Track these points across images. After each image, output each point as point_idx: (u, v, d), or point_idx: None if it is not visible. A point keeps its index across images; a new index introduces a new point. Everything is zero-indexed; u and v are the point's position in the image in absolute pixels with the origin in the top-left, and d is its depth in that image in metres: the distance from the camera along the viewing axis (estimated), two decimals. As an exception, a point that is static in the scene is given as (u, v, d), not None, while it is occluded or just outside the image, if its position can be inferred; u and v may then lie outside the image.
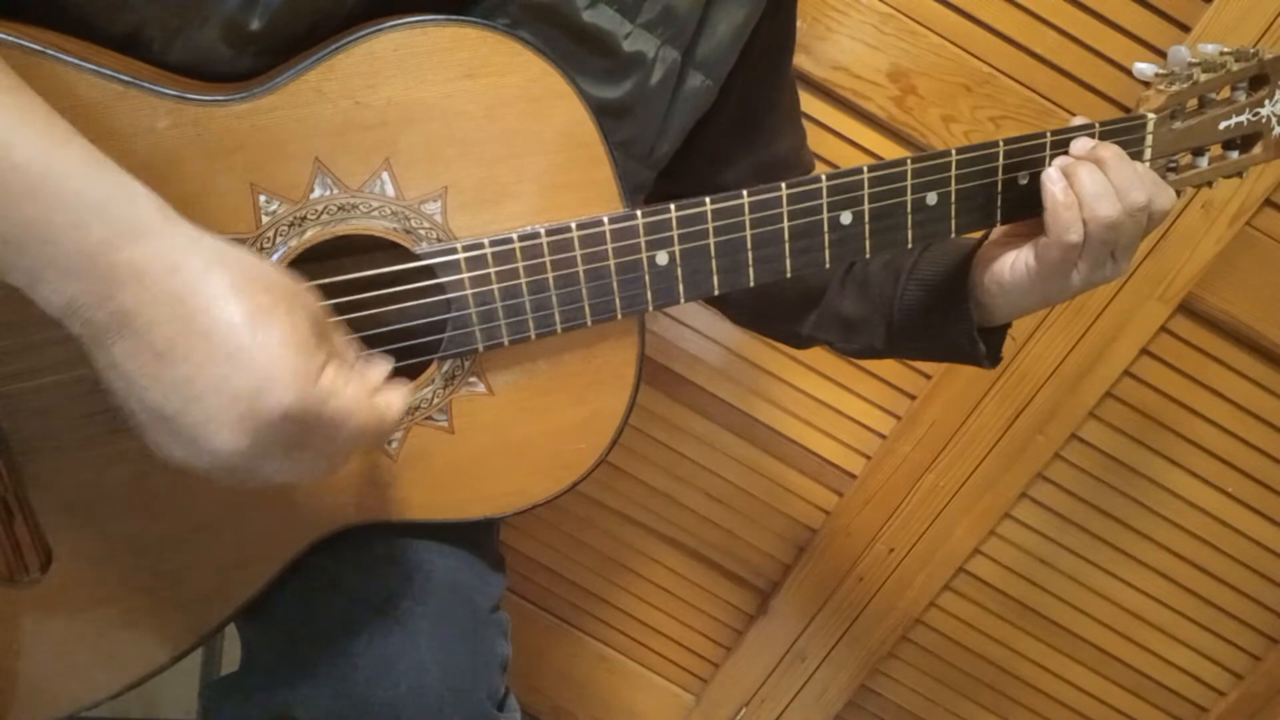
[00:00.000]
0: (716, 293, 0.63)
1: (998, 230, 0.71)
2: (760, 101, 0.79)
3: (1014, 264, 0.68)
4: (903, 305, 0.77)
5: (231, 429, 0.44)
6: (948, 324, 0.73)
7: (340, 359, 0.49)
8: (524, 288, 0.59)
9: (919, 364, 1.24)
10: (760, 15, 0.72)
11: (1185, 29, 1.05)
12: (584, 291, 0.61)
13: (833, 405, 1.28)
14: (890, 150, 1.14)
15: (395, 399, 0.52)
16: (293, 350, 0.45)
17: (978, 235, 0.72)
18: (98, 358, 0.45)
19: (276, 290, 0.46)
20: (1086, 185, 0.63)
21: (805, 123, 1.11)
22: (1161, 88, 0.68)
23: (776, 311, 0.87)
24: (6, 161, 0.42)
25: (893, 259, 0.78)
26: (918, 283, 0.76)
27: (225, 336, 0.44)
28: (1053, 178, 0.65)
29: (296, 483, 0.51)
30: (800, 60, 1.10)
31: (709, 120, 0.74)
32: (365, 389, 0.49)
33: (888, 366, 1.25)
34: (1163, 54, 0.70)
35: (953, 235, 0.67)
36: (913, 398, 1.26)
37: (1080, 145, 0.66)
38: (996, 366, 0.75)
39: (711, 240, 0.62)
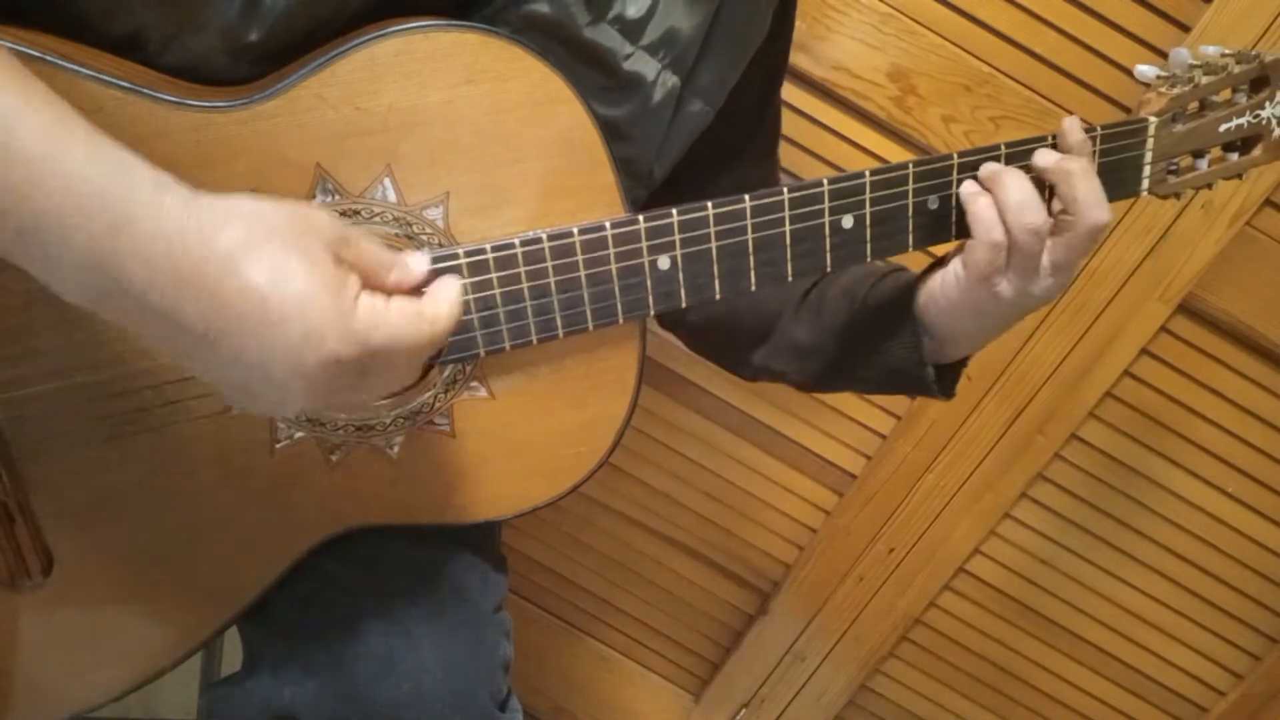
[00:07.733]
0: (719, 296, 0.63)
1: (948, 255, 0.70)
2: (740, 128, 0.78)
3: (945, 278, 0.67)
4: (853, 331, 0.75)
5: (293, 387, 0.45)
6: (895, 349, 0.71)
7: (372, 277, 0.48)
8: (526, 292, 0.59)
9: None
10: (761, 42, 0.71)
11: (1185, 29, 1.05)
12: (585, 296, 0.60)
13: (833, 405, 1.28)
14: (890, 150, 1.13)
15: (443, 303, 0.51)
16: (318, 293, 0.44)
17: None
18: (159, 348, 0.47)
19: (282, 231, 0.45)
20: (1011, 193, 0.62)
21: (806, 123, 1.13)
22: (1163, 90, 0.67)
23: (730, 340, 0.85)
24: (15, 153, 0.41)
25: (850, 285, 0.76)
26: (868, 309, 0.74)
27: (250, 304, 0.43)
28: (967, 185, 0.64)
29: (392, 389, 0.52)
30: (800, 60, 1.09)
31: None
32: (409, 304, 0.49)
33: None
34: (1162, 54, 0.70)
35: (953, 239, 0.67)
36: (913, 398, 1.25)
37: (1041, 158, 0.64)
38: (951, 399, 0.73)
39: (713, 244, 0.61)
